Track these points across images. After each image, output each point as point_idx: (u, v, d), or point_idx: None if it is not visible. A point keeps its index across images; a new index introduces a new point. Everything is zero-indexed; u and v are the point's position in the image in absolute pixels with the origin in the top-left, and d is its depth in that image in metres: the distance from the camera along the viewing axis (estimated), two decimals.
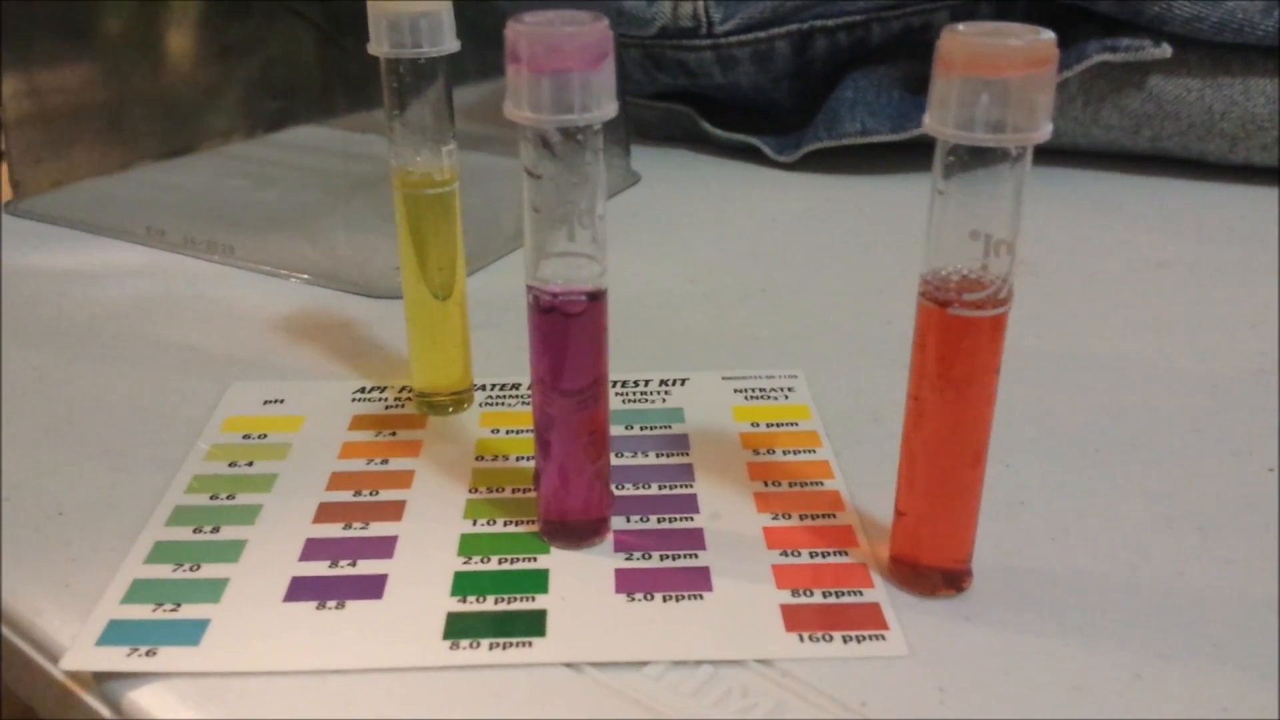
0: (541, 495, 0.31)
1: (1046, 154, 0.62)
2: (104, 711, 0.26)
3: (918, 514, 0.28)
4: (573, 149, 0.26)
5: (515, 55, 0.25)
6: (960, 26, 0.24)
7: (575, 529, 0.31)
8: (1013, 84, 0.23)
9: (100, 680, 0.26)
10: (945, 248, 0.26)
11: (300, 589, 0.29)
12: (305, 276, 0.48)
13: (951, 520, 0.28)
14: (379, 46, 0.32)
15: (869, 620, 0.28)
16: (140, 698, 0.26)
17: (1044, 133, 0.24)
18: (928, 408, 0.27)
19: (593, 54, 0.25)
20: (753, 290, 0.48)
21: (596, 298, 0.28)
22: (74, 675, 0.26)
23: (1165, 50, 0.56)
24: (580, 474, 0.30)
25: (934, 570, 0.28)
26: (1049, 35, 0.24)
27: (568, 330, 0.28)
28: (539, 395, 0.29)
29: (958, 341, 0.26)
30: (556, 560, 0.30)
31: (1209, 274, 0.49)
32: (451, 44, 0.32)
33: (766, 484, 0.33)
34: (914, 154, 0.61)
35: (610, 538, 0.31)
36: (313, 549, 0.30)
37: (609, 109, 0.26)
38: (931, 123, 0.24)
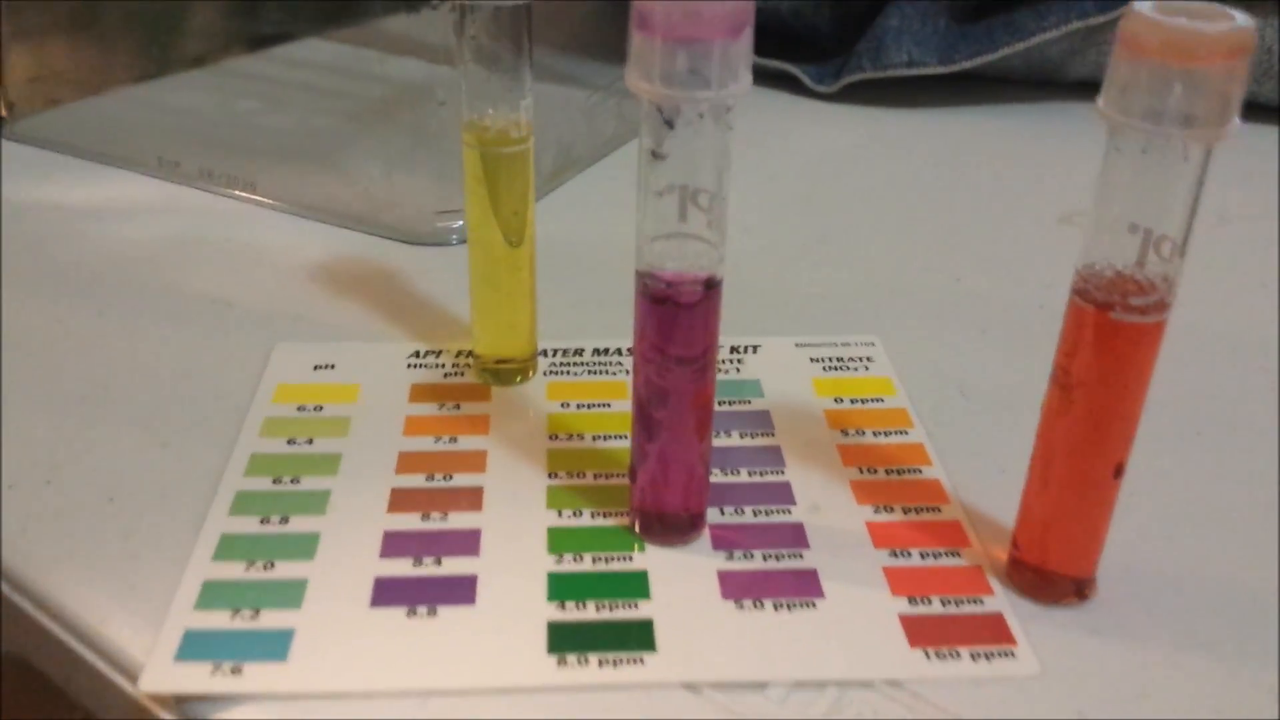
0: (637, 485, 0.29)
1: (1095, 90, 0.60)
2: None
3: (1049, 517, 0.27)
4: (697, 122, 0.24)
5: (646, 21, 0.22)
6: (1145, 5, 0.21)
7: (672, 523, 0.29)
8: (1211, 74, 0.21)
9: (180, 700, 0.24)
10: (1102, 241, 0.24)
11: (386, 592, 0.27)
12: (339, 219, 0.45)
13: (1086, 527, 0.27)
14: None
15: (995, 634, 0.26)
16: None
17: (1234, 127, 0.22)
18: (1075, 409, 0.25)
19: (735, 21, 0.22)
20: (811, 241, 0.45)
21: (713, 286, 0.26)
22: (153, 695, 0.25)
23: None
24: (686, 456, 0.28)
25: (1063, 577, 0.27)
26: (1246, 21, 0.21)
27: (678, 318, 0.26)
28: (647, 366, 0.27)
29: (1116, 346, 0.24)
30: (654, 559, 0.28)
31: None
32: None
33: (862, 470, 0.31)
34: (960, 86, 0.59)
35: (707, 533, 0.29)
36: (393, 544, 0.28)
37: (745, 82, 0.23)
38: (1108, 109, 0.22)
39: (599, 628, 0.26)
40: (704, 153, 0.24)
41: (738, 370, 0.36)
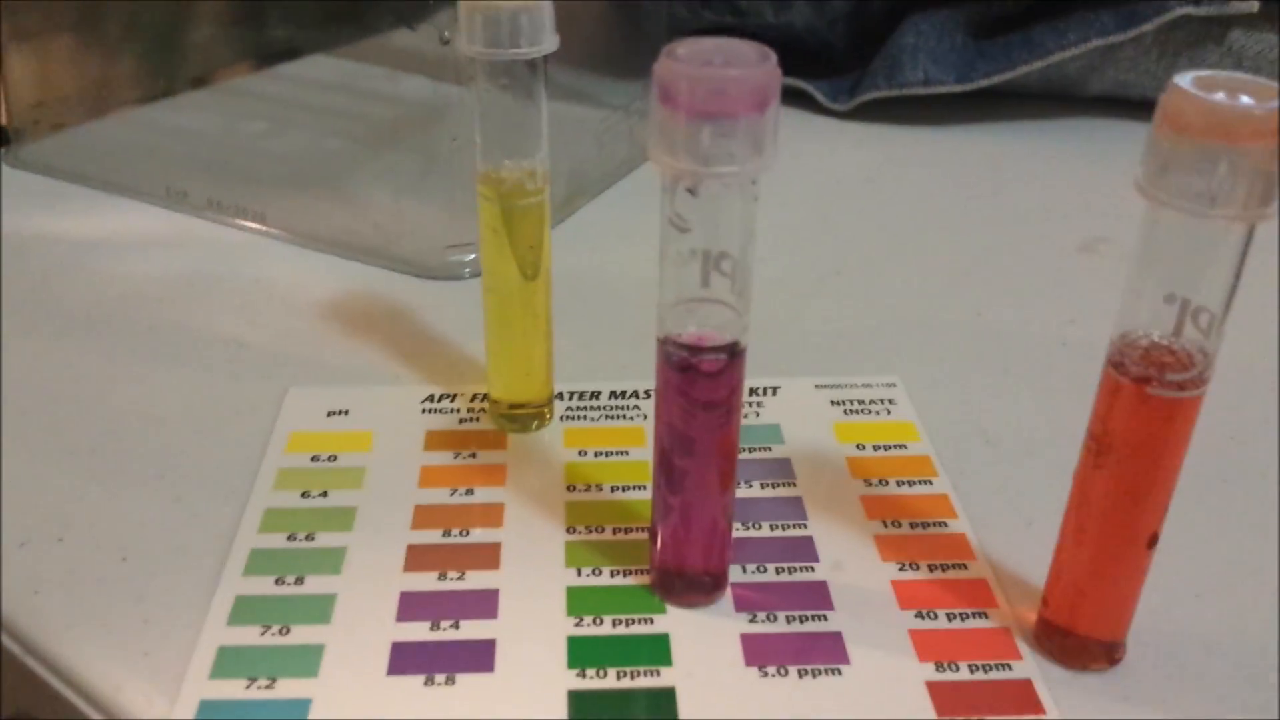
0: (659, 542, 0.28)
1: (1113, 105, 0.59)
2: None
3: (1080, 582, 0.26)
4: (721, 193, 0.23)
5: (671, 97, 0.22)
6: (1187, 81, 0.21)
7: (694, 582, 0.28)
8: (1256, 153, 0.20)
9: None
10: (1138, 309, 0.23)
11: (404, 659, 0.27)
12: (348, 251, 0.45)
13: (1117, 593, 0.26)
14: (471, 45, 0.28)
15: (1023, 702, 0.26)
16: None
17: (1275, 209, 0.21)
18: (1109, 477, 0.24)
19: (761, 96, 0.22)
20: (827, 272, 0.45)
21: (736, 355, 0.25)
22: None
23: (1252, 4, 0.53)
24: (709, 509, 0.27)
25: (1093, 642, 0.26)
26: None
27: (699, 383, 0.26)
28: (672, 414, 0.26)
29: (1152, 420, 0.23)
30: (675, 622, 0.28)
31: None
32: (551, 42, 0.29)
33: (886, 524, 0.31)
34: (976, 102, 0.58)
35: (729, 593, 0.29)
36: (410, 606, 0.28)
37: (771, 155, 0.23)
38: (1148, 186, 0.21)
39: (620, 697, 0.26)
40: (728, 220, 0.23)
41: (757, 414, 0.36)
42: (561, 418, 0.35)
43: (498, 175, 0.31)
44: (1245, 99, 0.20)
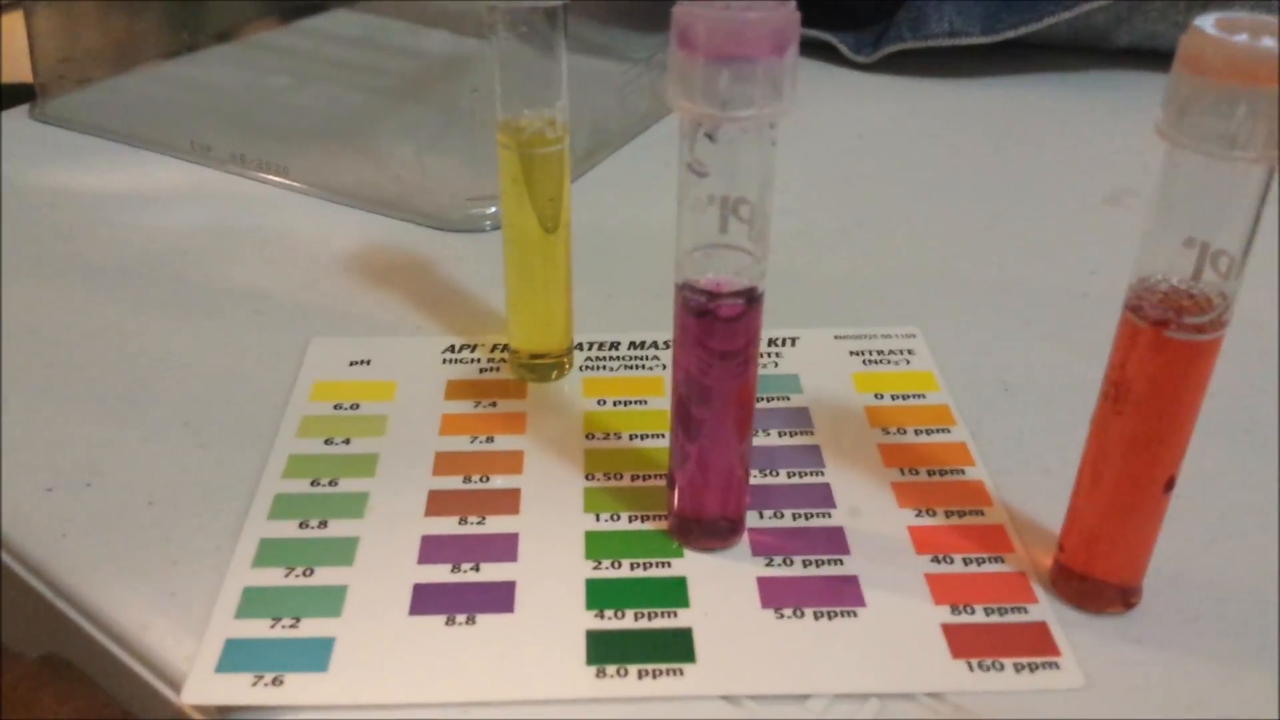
0: (676, 488, 0.28)
1: (1141, 57, 0.58)
2: None
3: (1097, 527, 0.26)
4: (739, 137, 0.23)
5: (689, 40, 0.22)
6: (1208, 23, 0.21)
7: (711, 528, 0.29)
8: (1277, 96, 0.20)
9: (225, 712, 0.25)
10: (1157, 254, 0.23)
11: (425, 599, 0.27)
12: (371, 204, 0.45)
13: (1134, 537, 0.26)
14: None
15: (1038, 644, 0.26)
16: None
17: None
18: (1126, 423, 0.24)
19: (780, 38, 0.22)
20: (850, 224, 0.45)
21: (754, 300, 0.25)
22: (195, 707, 0.25)
23: None
24: (726, 457, 0.27)
25: (1109, 585, 0.27)
26: None
27: (716, 328, 0.26)
28: (689, 363, 0.26)
29: (1170, 364, 0.23)
30: (692, 565, 0.28)
31: None
32: None
33: (903, 472, 0.31)
34: (1002, 53, 0.58)
35: (746, 538, 0.29)
36: (431, 549, 0.28)
37: (790, 99, 0.23)
38: (1167, 128, 0.21)
39: (638, 637, 0.26)
40: (746, 165, 0.23)
41: (776, 364, 0.36)
42: (581, 368, 0.35)
43: (517, 124, 0.31)
44: (1267, 40, 0.20)
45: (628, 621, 0.26)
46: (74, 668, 0.29)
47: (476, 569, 0.28)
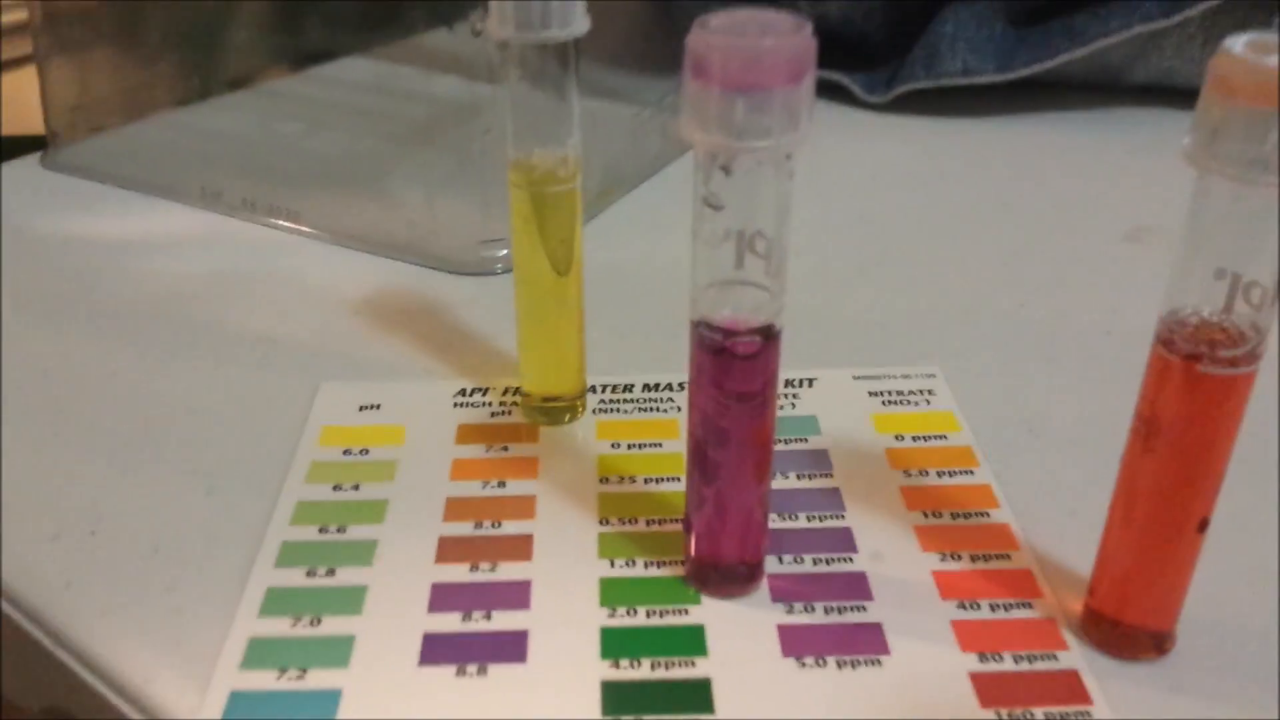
0: (693, 533, 0.28)
1: (1158, 94, 0.58)
2: None
3: (1128, 569, 0.25)
4: (755, 169, 0.23)
5: (703, 70, 0.21)
6: (1239, 45, 0.20)
7: (729, 573, 0.28)
8: None
9: None
10: (1187, 286, 0.22)
11: (435, 649, 0.26)
12: (382, 248, 0.45)
13: (1166, 581, 0.25)
14: (503, 28, 0.28)
15: (1070, 692, 0.25)
16: None
17: None
18: (1158, 460, 0.24)
19: (796, 67, 0.21)
20: (866, 263, 0.44)
21: (771, 337, 0.25)
22: None
23: None
24: (744, 500, 0.27)
25: (1141, 631, 0.26)
26: None
27: (734, 367, 0.25)
28: (706, 404, 0.26)
29: (1203, 398, 0.23)
30: (710, 612, 0.27)
31: None
32: (582, 24, 0.28)
33: (926, 515, 0.30)
34: (1017, 92, 0.57)
35: (765, 584, 0.28)
36: (441, 597, 0.28)
37: (807, 129, 0.22)
38: (1197, 153, 0.21)
39: (655, 688, 0.25)
40: (763, 198, 0.23)
41: (793, 406, 0.35)
42: (594, 410, 0.35)
43: (529, 163, 0.30)
44: None
45: (644, 671, 0.26)
46: None
47: (488, 617, 0.27)
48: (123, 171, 0.52)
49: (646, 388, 0.36)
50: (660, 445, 0.33)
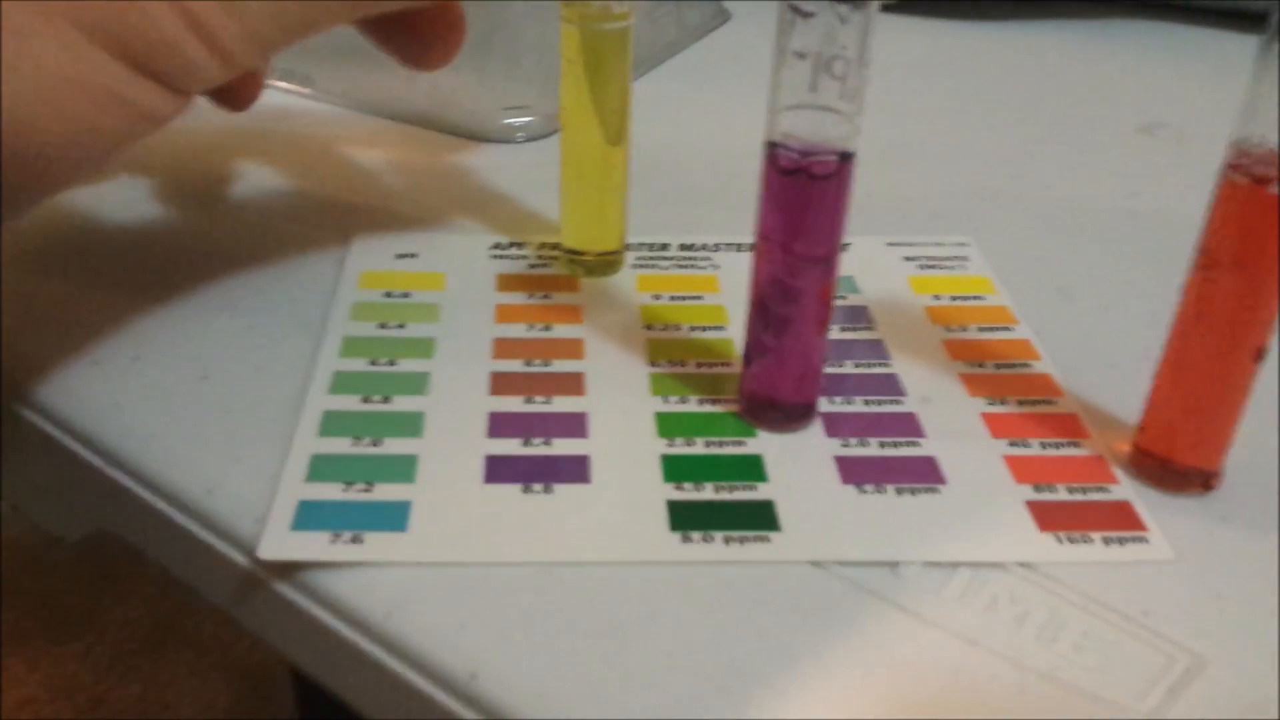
0: (750, 371, 0.28)
1: (1166, 10, 0.58)
2: (305, 604, 0.24)
3: (1181, 404, 0.26)
4: None
5: None
6: None
7: (785, 410, 0.28)
8: None
9: (296, 570, 0.24)
10: (1259, 114, 0.23)
11: (499, 469, 0.26)
12: (400, 115, 0.44)
13: (1219, 414, 0.26)
14: None
15: (1124, 520, 0.26)
16: (349, 589, 0.23)
17: None
18: (1218, 290, 0.24)
19: None
20: (887, 146, 0.44)
21: (846, 159, 0.25)
22: (269, 564, 0.24)
23: None
24: (806, 350, 0.27)
25: (1190, 468, 0.26)
26: None
27: (810, 195, 0.25)
28: (774, 263, 0.26)
29: (1270, 223, 0.23)
30: (767, 445, 0.28)
31: None
32: None
33: (969, 364, 0.31)
34: (1027, 3, 0.58)
35: (819, 421, 0.28)
36: (500, 424, 0.28)
37: None
38: None
39: (720, 507, 0.26)
40: (842, 19, 0.23)
41: None
42: (632, 266, 0.35)
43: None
44: None
45: (707, 493, 0.26)
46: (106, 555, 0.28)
47: (548, 443, 0.27)
48: None
49: (683, 247, 0.36)
50: (701, 298, 0.33)
